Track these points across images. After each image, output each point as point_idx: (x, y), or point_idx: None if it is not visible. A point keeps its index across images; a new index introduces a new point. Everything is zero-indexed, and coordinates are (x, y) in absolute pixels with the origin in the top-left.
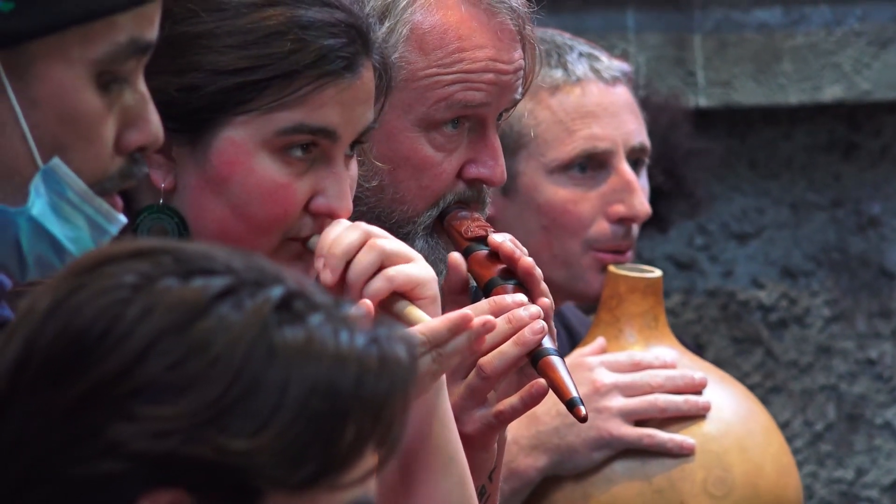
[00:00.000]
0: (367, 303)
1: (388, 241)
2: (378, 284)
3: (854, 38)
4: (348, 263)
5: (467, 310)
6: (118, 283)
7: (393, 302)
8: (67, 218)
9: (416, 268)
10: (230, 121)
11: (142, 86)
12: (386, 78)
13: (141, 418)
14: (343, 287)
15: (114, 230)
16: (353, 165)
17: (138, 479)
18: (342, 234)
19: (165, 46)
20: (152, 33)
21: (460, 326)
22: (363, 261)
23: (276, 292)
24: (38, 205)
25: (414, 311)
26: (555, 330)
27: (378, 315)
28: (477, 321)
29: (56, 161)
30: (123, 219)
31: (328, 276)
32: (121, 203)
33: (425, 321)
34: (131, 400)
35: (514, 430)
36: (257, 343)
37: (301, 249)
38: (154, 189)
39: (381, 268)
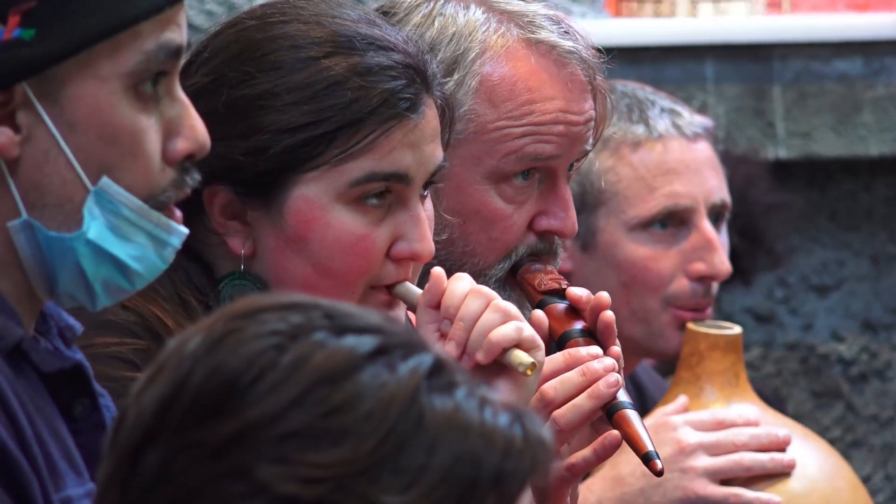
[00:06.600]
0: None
1: (505, 303)
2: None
3: None
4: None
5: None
6: (272, 330)
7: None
8: (127, 237)
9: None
10: (301, 178)
11: (180, 94)
12: (448, 112)
13: (292, 462)
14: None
15: (176, 242)
16: (428, 204)
17: None
18: (468, 301)
19: (226, 112)
20: (180, 35)
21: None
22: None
23: (427, 360)
24: (94, 227)
25: (525, 356)
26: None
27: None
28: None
29: (106, 181)
30: (184, 230)
31: (453, 348)
32: (179, 214)
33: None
34: (283, 444)
35: (600, 492)
36: (409, 406)
37: (387, 298)
38: (234, 257)
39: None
